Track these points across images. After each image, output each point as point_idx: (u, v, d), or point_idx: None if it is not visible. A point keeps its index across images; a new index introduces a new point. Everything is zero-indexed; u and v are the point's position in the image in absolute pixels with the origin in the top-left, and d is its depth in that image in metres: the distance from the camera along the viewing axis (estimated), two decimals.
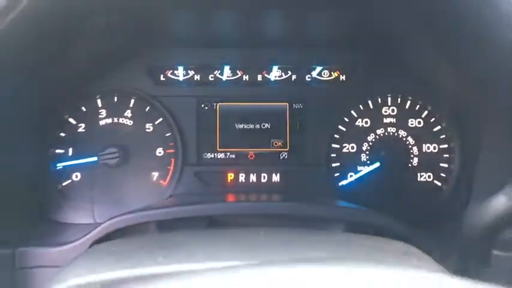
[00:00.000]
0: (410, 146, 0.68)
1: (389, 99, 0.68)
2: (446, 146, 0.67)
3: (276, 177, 0.67)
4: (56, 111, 0.66)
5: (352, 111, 0.68)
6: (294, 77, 0.69)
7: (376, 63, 0.68)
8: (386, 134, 0.68)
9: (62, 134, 0.66)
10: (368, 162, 0.68)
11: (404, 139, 0.68)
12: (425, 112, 0.68)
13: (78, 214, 0.64)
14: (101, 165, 0.66)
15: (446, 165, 0.67)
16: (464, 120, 0.63)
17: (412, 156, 0.68)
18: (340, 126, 0.68)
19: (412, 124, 0.68)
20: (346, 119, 0.68)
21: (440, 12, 0.53)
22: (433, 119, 0.68)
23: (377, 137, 0.68)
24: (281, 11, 0.63)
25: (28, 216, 0.60)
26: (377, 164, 0.67)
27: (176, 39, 0.67)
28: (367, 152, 0.68)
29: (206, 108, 0.68)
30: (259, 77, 0.69)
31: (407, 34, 0.62)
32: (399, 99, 0.68)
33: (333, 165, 0.67)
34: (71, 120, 0.66)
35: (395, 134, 0.68)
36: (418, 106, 0.68)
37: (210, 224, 0.51)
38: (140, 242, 0.41)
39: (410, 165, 0.67)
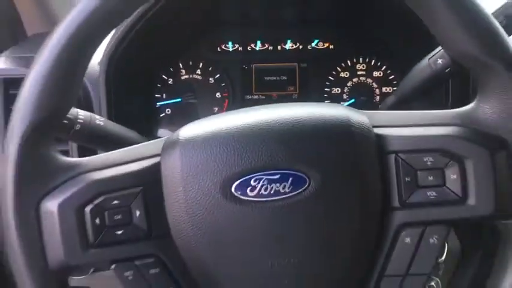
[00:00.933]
0: (374, 88, 0.93)
1: (360, 59, 0.92)
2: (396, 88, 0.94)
3: None
4: (155, 71, 0.92)
5: (338, 68, 0.92)
6: (300, 47, 0.92)
7: (352, 38, 0.92)
8: (359, 81, 0.93)
9: (159, 85, 0.92)
10: (347, 99, 0.93)
11: (370, 84, 0.92)
12: (384, 67, 0.92)
13: (170, 132, 0.94)
14: (183, 103, 0.92)
15: None
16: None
17: (375, 95, 0.93)
18: (329, 77, 0.93)
19: (375, 75, 0.92)
20: (334, 72, 0.92)
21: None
22: (388, 71, 0.92)
23: (353, 83, 0.92)
24: (294, 10, 0.88)
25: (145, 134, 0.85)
26: (352, 100, 0.93)
27: (227, 24, 0.92)
28: (347, 93, 0.93)
29: (246, 67, 0.92)
30: (279, 47, 0.92)
31: (373, 20, 0.88)
32: (367, 59, 0.92)
33: (326, 102, 0.93)
34: (164, 76, 0.92)
35: (365, 81, 0.93)
36: (379, 64, 0.92)
37: None
38: None
39: (374, 100, 0.92)
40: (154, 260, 0.39)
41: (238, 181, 0.37)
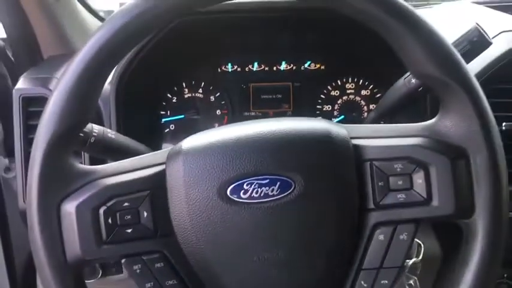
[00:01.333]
0: (362, 106, 0.97)
1: (349, 79, 0.97)
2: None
3: None
4: (160, 90, 0.96)
5: (329, 87, 0.97)
6: (294, 67, 0.96)
7: (342, 59, 0.96)
8: (348, 99, 0.97)
9: (164, 103, 0.96)
10: (338, 115, 0.97)
11: (358, 102, 0.97)
12: (371, 86, 0.97)
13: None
14: (186, 119, 0.96)
15: None
16: None
17: (363, 111, 0.97)
18: (321, 95, 0.97)
19: (363, 93, 0.97)
20: (325, 91, 0.97)
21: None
22: (375, 90, 0.96)
23: (343, 101, 0.97)
24: (288, 34, 0.92)
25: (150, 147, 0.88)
26: (342, 117, 0.97)
27: (227, 50, 0.96)
28: (338, 110, 0.97)
29: (244, 87, 0.96)
30: (274, 68, 0.97)
31: (360, 44, 0.91)
32: (355, 79, 0.97)
33: (318, 118, 0.99)
34: (169, 95, 0.97)
35: (354, 99, 0.97)
36: (366, 83, 0.97)
37: None
38: None
39: (362, 117, 0.97)
40: (159, 256, 0.42)
41: (233, 185, 0.41)
